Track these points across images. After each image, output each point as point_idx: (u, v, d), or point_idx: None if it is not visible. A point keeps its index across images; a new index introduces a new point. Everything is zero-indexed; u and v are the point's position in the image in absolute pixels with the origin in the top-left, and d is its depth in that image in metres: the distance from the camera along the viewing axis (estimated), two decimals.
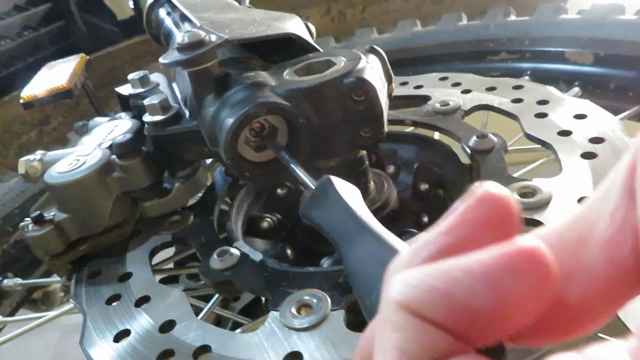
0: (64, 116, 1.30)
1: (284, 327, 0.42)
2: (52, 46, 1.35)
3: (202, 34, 0.49)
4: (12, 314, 0.83)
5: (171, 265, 0.68)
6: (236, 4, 0.73)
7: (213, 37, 0.49)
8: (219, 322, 0.82)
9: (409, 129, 0.70)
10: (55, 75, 0.76)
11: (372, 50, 0.53)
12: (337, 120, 0.49)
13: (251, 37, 0.51)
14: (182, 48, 0.48)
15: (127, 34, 1.42)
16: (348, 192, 0.34)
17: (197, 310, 0.50)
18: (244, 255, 0.51)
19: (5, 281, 0.80)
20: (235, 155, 0.48)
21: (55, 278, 0.71)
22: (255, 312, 0.81)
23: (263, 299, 0.75)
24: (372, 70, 0.49)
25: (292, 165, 0.46)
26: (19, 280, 0.81)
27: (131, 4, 1.37)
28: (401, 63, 1.02)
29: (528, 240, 0.17)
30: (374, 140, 0.50)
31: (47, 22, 1.37)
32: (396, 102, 0.71)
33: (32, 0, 1.37)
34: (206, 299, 0.71)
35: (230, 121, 0.46)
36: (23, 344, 0.69)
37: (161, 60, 0.50)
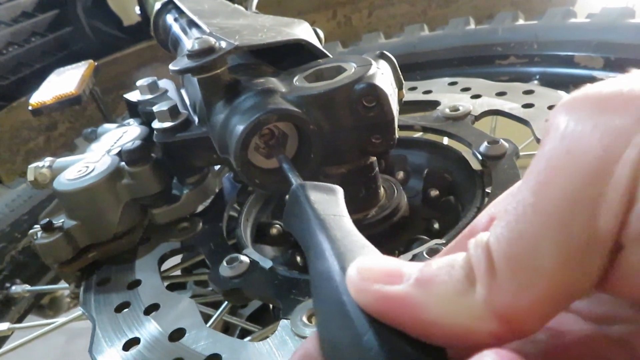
0: (71, 121, 1.30)
1: (295, 336, 0.42)
2: (60, 52, 1.36)
3: (212, 40, 0.48)
4: (20, 320, 0.83)
5: (178, 272, 0.67)
6: (244, 9, 0.73)
7: (223, 44, 0.49)
8: (227, 328, 0.81)
9: (419, 134, 0.70)
10: (63, 82, 0.76)
11: (383, 56, 0.53)
12: (347, 126, 0.48)
13: (261, 44, 0.51)
14: (192, 55, 0.48)
15: (134, 40, 1.42)
16: (321, 197, 0.32)
17: (205, 317, 0.49)
18: (253, 263, 0.50)
19: (14, 288, 0.80)
20: (246, 162, 0.48)
21: (63, 285, 0.71)
22: (263, 318, 0.81)
23: (271, 305, 0.75)
24: (383, 76, 0.49)
25: (289, 174, 0.44)
26: (27, 287, 0.81)
27: (138, 10, 1.37)
28: (409, 68, 1.02)
29: None
30: (385, 146, 0.49)
31: (55, 28, 1.38)
32: (405, 107, 0.71)
33: (40, 7, 1.38)
34: (214, 305, 0.71)
35: (240, 128, 0.46)
36: (29, 349, 0.69)
37: (171, 67, 0.50)
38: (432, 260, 0.22)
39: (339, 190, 0.34)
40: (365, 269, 0.22)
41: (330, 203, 0.32)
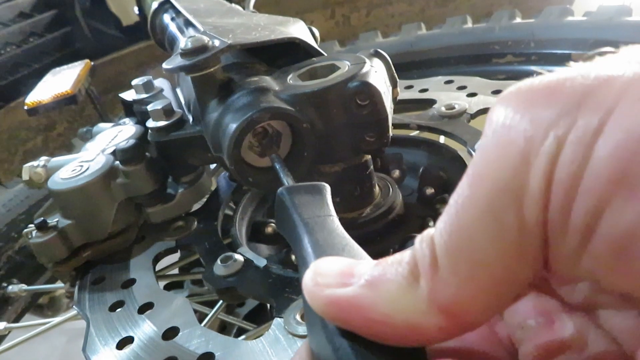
0: (69, 122, 1.31)
1: (287, 334, 0.41)
2: (57, 52, 1.36)
3: (206, 39, 0.48)
4: (17, 320, 0.83)
5: (175, 271, 0.67)
6: (240, 9, 0.73)
7: (216, 42, 0.49)
8: (224, 327, 0.81)
9: (414, 133, 0.70)
10: (59, 81, 0.76)
11: (377, 54, 0.53)
12: (341, 124, 0.48)
13: (255, 42, 0.51)
14: (185, 53, 0.48)
15: (132, 40, 1.42)
16: (306, 200, 0.32)
17: (202, 316, 0.49)
18: (248, 261, 0.50)
19: (10, 287, 0.80)
20: (239, 160, 0.48)
21: (60, 284, 0.71)
22: (260, 318, 0.81)
23: (269, 305, 0.75)
24: (377, 74, 0.49)
25: (280, 174, 0.44)
26: (24, 287, 0.81)
27: (136, 10, 1.37)
28: (406, 66, 1.02)
29: None
30: (379, 144, 0.49)
31: (52, 28, 1.38)
32: (401, 105, 0.71)
33: (38, 7, 1.38)
34: (211, 304, 0.71)
35: (233, 126, 0.46)
36: (29, 349, 0.69)
37: (164, 65, 0.50)
38: (385, 259, 0.22)
39: (325, 188, 0.34)
40: (318, 274, 0.22)
41: (315, 204, 0.32)
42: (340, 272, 0.22)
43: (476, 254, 0.19)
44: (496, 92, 0.69)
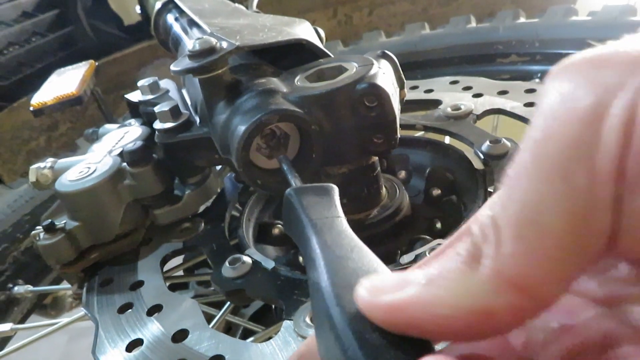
0: (72, 122, 1.30)
1: (298, 337, 0.42)
2: (60, 52, 1.36)
3: (213, 40, 0.48)
4: (22, 321, 0.83)
5: (180, 273, 0.67)
6: (244, 9, 0.73)
7: (224, 44, 0.49)
8: (229, 328, 0.81)
9: (420, 134, 0.70)
10: (64, 82, 0.76)
11: (384, 55, 0.53)
12: (349, 126, 0.48)
13: (263, 44, 0.51)
14: (193, 55, 0.48)
15: (134, 39, 1.42)
16: (314, 200, 0.32)
17: (207, 317, 0.49)
18: (255, 263, 0.50)
19: (16, 288, 0.80)
20: (247, 162, 0.48)
21: (65, 285, 0.71)
22: (266, 318, 0.81)
23: (273, 305, 0.75)
24: (385, 75, 0.49)
25: (288, 176, 0.44)
26: (30, 287, 0.81)
27: (138, 9, 1.37)
28: (410, 66, 1.01)
29: None
30: (387, 146, 0.49)
31: (55, 28, 1.38)
32: (407, 106, 0.71)
33: (40, 7, 1.38)
34: (216, 305, 0.71)
35: (242, 128, 0.46)
36: (31, 348, 0.69)
37: (172, 67, 0.50)
38: (437, 253, 0.22)
39: (333, 189, 0.33)
40: (373, 285, 0.22)
41: (323, 205, 0.32)
42: (395, 280, 0.21)
43: (543, 219, 0.18)
44: (502, 92, 0.69)
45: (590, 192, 0.18)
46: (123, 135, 0.63)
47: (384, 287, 0.21)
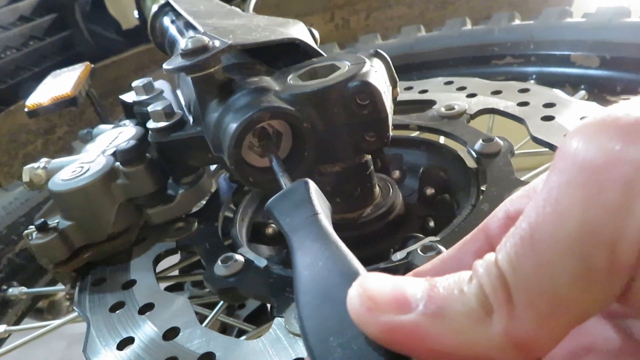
0: (69, 125, 1.31)
1: (288, 333, 0.41)
2: (58, 56, 1.36)
3: (206, 39, 0.48)
4: (17, 323, 0.82)
5: (176, 273, 0.67)
6: (239, 10, 0.73)
7: (217, 43, 0.49)
8: (224, 330, 0.81)
9: (415, 134, 0.70)
10: (59, 84, 0.77)
11: (377, 54, 0.53)
12: (341, 124, 0.48)
13: (255, 43, 0.51)
14: (185, 54, 0.48)
15: (132, 43, 1.43)
16: (321, 200, 0.34)
17: (202, 318, 0.49)
18: (248, 262, 0.50)
19: (10, 290, 0.80)
20: (239, 160, 0.48)
21: (60, 287, 0.71)
22: (261, 319, 0.81)
23: (269, 306, 0.75)
24: (377, 74, 0.49)
25: (278, 175, 0.45)
26: (24, 289, 0.80)
27: (136, 14, 1.37)
28: (406, 68, 1.02)
29: None
30: (379, 144, 0.49)
31: (53, 32, 1.38)
32: (401, 106, 0.71)
33: (38, 11, 1.38)
34: (211, 306, 0.71)
35: (234, 126, 0.46)
36: (29, 353, 0.69)
37: (165, 66, 0.50)
38: (437, 281, 0.22)
39: (306, 185, 0.35)
40: (369, 296, 0.22)
41: (299, 207, 0.33)
42: (392, 296, 0.22)
43: (557, 291, 0.19)
44: (496, 92, 0.69)
45: (609, 276, 0.19)
46: (117, 136, 0.63)
47: (380, 302, 0.22)
